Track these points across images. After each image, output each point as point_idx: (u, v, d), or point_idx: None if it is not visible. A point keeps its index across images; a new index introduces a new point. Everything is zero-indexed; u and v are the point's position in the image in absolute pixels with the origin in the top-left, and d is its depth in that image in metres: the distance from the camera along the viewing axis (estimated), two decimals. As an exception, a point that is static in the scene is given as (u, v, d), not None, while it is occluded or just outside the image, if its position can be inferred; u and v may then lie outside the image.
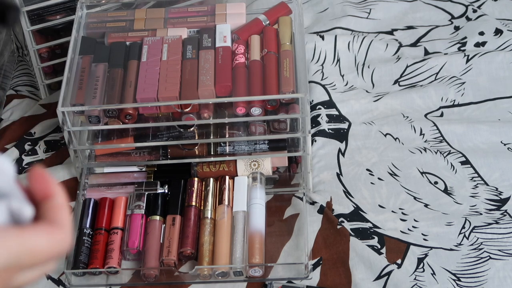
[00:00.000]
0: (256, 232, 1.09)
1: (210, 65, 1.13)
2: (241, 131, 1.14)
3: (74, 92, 1.11)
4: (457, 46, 1.37)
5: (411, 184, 1.17)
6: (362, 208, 1.14)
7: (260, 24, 1.20)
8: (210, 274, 1.07)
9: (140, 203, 1.13)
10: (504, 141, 1.22)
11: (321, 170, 1.20)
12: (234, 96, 1.10)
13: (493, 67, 1.33)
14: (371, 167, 1.20)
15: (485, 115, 1.27)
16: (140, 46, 1.17)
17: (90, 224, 1.13)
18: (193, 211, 1.13)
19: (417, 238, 1.10)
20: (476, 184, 1.17)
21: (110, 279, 1.09)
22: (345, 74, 1.35)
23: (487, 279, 1.05)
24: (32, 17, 1.26)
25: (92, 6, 1.24)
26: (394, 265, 1.07)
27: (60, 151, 1.27)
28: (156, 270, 1.08)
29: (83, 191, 1.17)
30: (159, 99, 1.09)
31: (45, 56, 1.33)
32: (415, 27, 1.42)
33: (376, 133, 1.25)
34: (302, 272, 1.07)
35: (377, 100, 1.29)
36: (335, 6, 1.46)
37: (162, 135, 1.14)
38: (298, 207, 1.16)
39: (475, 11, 1.43)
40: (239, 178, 1.16)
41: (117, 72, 1.13)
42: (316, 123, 1.26)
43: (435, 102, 1.29)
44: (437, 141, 1.23)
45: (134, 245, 1.09)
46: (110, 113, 1.09)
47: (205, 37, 1.17)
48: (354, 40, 1.38)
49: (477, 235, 1.10)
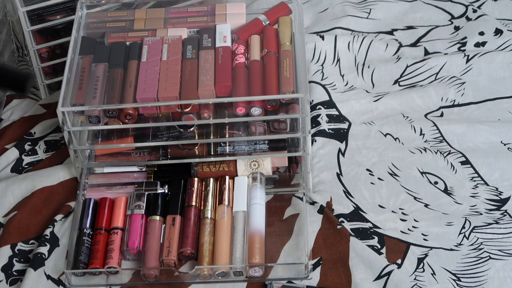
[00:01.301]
0: (256, 232, 1.09)
1: (210, 65, 1.13)
2: (241, 131, 1.14)
3: (74, 92, 1.11)
4: (457, 46, 1.37)
5: (411, 184, 1.17)
6: (362, 208, 1.14)
7: (260, 24, 1.20)
8: (210, 274, 1.07)
9: (140, 203, 1.13)
10: (504, 141, 1.22)
11: (321, 170, 1.20)
12: (234, 96, 1.10)
13: (493, 67, 1.33)
14: (371, 167, 1.20)
15: (485, 115, 1.27)
16: (140, 46, 1.17)
17: (90, 224, 1.13)
18: (193, 211, 1.13)
19: (417, 238, 1.10)
20: (476, 184, 1.17)
21: (110, 279, 1.09)
22: (345, 74, 1.35)
23: (487, 279, 1.05)
24: (32, 17, 1.26)
25: (92, 6, 1.24)
26: (394, 265, 1.07)
27: (60, 151, 1.27)
28: (156, 270, 1.08)
29: (83, 191, 1.17)
30: (159, 99, 1.09)
31: (45, 56, 1.33)
32: (415, 27, 1.42)
33: (376, 133, 1.25)
34: (302, 272, 1.07)
35: (377, 100, 1.29)
36: (335, 6, 1.46)
37: (162, 135, 1.14)
38: (298, 207, 1.16)
39: (475, 11, 1.43)
40: (239, 178, 1.16)
41: (117, 72, 1.13)
42: (316, 123, 1.26)
43: (435, 102, 1.29)
44: (437, 141, 1.23)
45: (134, 245, 1.09)
46: (110, 113, 1.09)
47: (205, 37, 1.17)
48: (354, 40, 1.38)
49: (477, 235, 1.10)
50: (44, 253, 1.11)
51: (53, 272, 1.10)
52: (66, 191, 1.20)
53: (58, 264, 1.11)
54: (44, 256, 1.11)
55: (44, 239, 1.13)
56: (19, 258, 1.13)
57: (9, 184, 1.21)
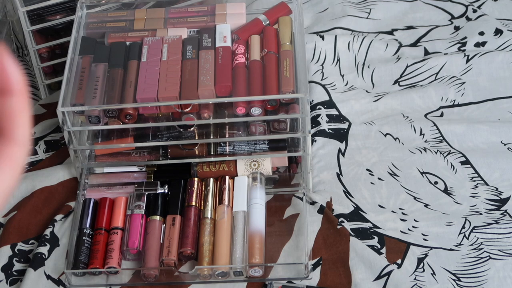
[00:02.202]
0: (256, 232, 1.09)
1: (210, 65, 1.13)
2: (241, 131, 1.14)
3: (74, 92, 1.11)
4: (457, 46, 1.37)
5: (411, 184, 1.17)
6: (362, 208, 1.14)
7: (260, 24, 1.20)
8: (210, 274, 1.07)
9: (140, 203, 1.13)
10: (504, 141, 1.22)
11: (321, 170, 1.20)
12: (234, 96, 1.10)
13: (493, 67, 1.33)
14: (371, 167, 1.20)
15: (485, 115, 1.27)
16: (140, 46, 1.17)
17: (90, 224, 1.13)
18: (193, 211, 1.13)
19: (417, 238, 1.10)
20: (476, 184, 1.17)
21: (110, 279, 1.09)
22: (345, 74, 1.35)
23: (487, 279, 1.05)
24: (32, 17, 1.26)
25: (92, 6, 1.24)
26: (394, 265, 1.07)
27: (60, 151, 1.27)
28: (156, 270, 1.08)
29: (83, 191, 1.17)
30: (159, 99, 1.09)
31: (45, 56, 1.33)
32: (415, 27, 1.42)
33: (376, 133, 1.25)
34: (302, 272, 1.07)
35: (377, 100, 1.29)
36: (335, 6, 1.46)
37: (162, 135, 1.14)
38: (298, 207, 1.16)
39: (475, 11, 1.43)
40: (239, 178, 1.16)
41: (117, 72, 1.13)
42: (316, 123, 1.26)
43: (435, 102, 1.29)
44: (437, 141, 1.23)
45: (134, 245, 1.09)
46: (110, 113, 1.09)
47: (205, 37, 1.17)
48: (354, 40, 1.38)
49: (477, 235, 1.10)
50: (44, 253, 1.11)
51: (53, 272, 1.10)
52: (66, 191, 1.20)
53: (58, 264, 1.11)
54: (44, 256, 1.11)
55: (44, 239, 1.13)
56: (19, 258, 1.13)
57: (9, 184, 1.20)
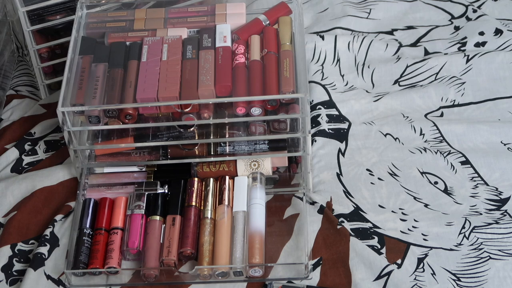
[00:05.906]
0: (256, 232, 1.09)
1: (210, 65, 1.13)
2: (241, 131, 1.14)
3: (74, 92, 1.11)
4: (457, 46, 1.37)
5: (411, 184, 1.17)
6: (362, 208, 1.14)
7: (260, 24, 1.20)
8: (210, 274, 1.07)
9: (140, 203, 1.13)
10: (504, 141, 1.22)
11: (321, 170, 1.20)
12: (234, 96, 1.10)
13: (493, 67, 1.33)
14: (371, 167, 1.20)
15: (485, 115, 1.27)
16: (140, 46, 1.17)
17: (90, 224, 1.13)
18: (193, 211, 1.13)
19: (417, 238, 1.10)
20: (476, 184, 1.17)
21: (110, 279, 1.09)
22: (345, 74, 1.35)
23: (487, 279, 1.05)
24: (32, 17, 1.26)
25: (92, 6, 1.24)
26: (394, 265, 1.07)
27: (60, 151, 1.27)
28: (156, 270, 1.08)
29: (83, 191, 1.17)
30: (159, 99, 1.09)
31: (45, 56, 1.33)
32: (415, 27, 1.43)
33: (376, 133, 1.25)
34: (302, 272, 1.07)
35: (377, 100, 1.30)
36: (335, 6, 1.46)
37: (162, 135, 1.14)
38: (298, 207, 1.16)
39: (475, 11, 1.43)
40: (239, 178, 1.16)
41: (117, 72, 1.13)
42: (316, 123, 1.26)
43: (435, 102, 1.29)
44: (437, 141, 1.23)
45: (134, 245, 1.09)
46: (110, 113, 1.09)
47: (205, 37, 1.17)
48: (354, 40, 1.38)
49: (477, 235, 1.10)
50: (44, 253, 1.11)
51: (53, 272, 1.10)
52: (66, 191, 1.20)
53: (58, 264, 1.11)
54: (44, 256, 1.11)
55: (44, 239, 1.13)
56: (19, 258, 1.13)
57: (9, 184, 1.21)
